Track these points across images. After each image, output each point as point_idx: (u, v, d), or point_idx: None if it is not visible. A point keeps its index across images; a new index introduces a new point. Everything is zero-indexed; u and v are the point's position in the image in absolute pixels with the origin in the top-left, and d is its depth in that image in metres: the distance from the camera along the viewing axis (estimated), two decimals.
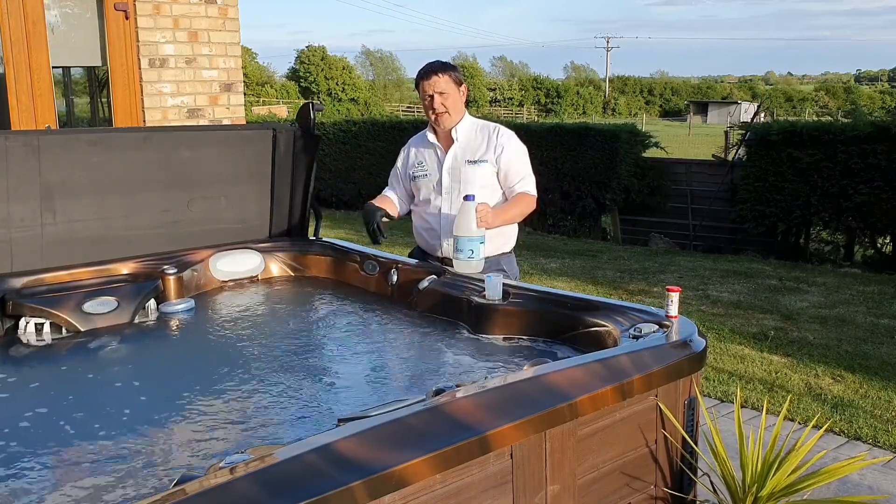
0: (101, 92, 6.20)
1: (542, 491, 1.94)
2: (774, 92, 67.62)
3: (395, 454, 1.62)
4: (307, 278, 3.80)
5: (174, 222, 3.63)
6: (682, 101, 66.05)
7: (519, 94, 62.89)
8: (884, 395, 4.23)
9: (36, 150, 3.18)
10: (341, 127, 13.52)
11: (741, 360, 4.83)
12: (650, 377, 2.17)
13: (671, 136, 28.26)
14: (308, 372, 2.65)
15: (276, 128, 3.82)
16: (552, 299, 2.86)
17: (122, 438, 2.13)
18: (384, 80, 63.73)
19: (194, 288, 3.49)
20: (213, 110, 6.23)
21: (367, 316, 3.24)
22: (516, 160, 3.33)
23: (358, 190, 13.26)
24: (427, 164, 3.41)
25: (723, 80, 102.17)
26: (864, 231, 8.80)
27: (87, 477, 1.92)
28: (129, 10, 5.70)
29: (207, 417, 2.27)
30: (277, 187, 3.89)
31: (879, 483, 3.24)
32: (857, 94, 64.28)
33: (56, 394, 2.46)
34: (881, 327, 5.59)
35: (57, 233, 3.28)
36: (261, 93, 48.54)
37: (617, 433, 2.13)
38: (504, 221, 3.28)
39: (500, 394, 1.93)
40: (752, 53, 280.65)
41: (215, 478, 1.51)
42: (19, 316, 3.01)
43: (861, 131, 8.38)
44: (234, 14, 6.22)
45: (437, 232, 3.38)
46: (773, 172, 9.07)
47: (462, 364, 2.64)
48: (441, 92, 3.26)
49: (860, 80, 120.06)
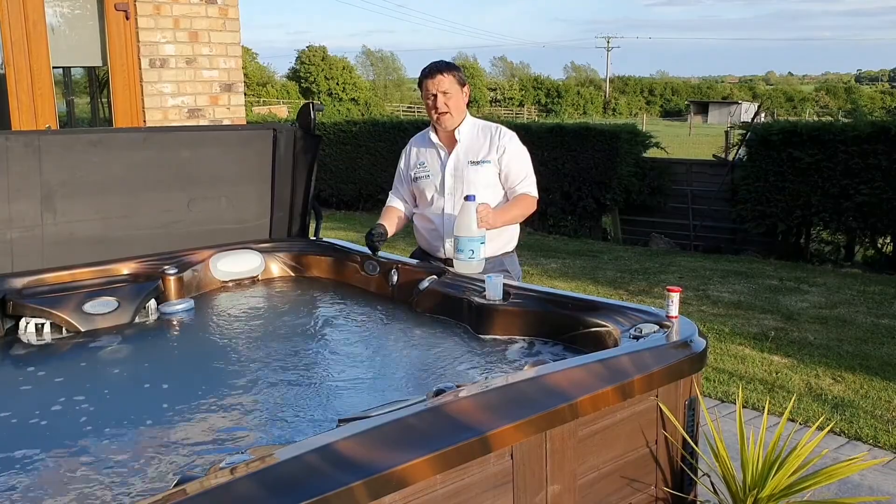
0: (102, 92, 6.20)
1: (543, 491, 1.94)
2: (775, 92, 67.71)
3: (395, 454, 1.62)
4: (307, 279, 3.80)
5: (174, 222, 3.63)
6: (683, 101, 66.08)
7: (519, 94, 62.95)
8: (884, 395, 4.23)
9: (36, 151, 3.17)
10: (341, 127, 13.52)
11: (742, 360, 4.83)
12: (651, 377, 2.17)
13: (671, 136, 28.28)
14: (308, 372, 2.65)
15: (276, 128, 3.82)
16: (553, 299, 2.86)
17: (122, 438, 2.13)
18: (384, 80, 63.74)
19: (194, 288, 3.49)
20: (214, 110, 6.23)
21: (367, 316, 3.24)
22: (518, 161, 3.33)
23: (358, 190, 13.26)
24: (429, 164, 3.41)
25: (723, 80, 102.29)
26: (865, 231, 8.79)
27: (87, 477, 1.92)
28: (129, 10, 5.70)
29: (207, 417, 2.27)
30: (278, 187, 3.89)
31: (880, 484, 3.24)
32: (857, 94, 64.34)
33: (55, 394, 2.46)
34: (882, 327, 5.59)
35: (57, 233, 3.28)
36: (261, 93, 48.58)
37: (617, 433, 2.13)
38: (505, 222, 3.28)
39: (500, 394, 1.92)
40: (752, 53, 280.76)
41: (215, 478, 1.51)
42: (20, 316, 3.01)
43: (861, 131, 8.37)
44: (234, 14, 6.23)
45: (439, 233, 3.38)
46: (774, 172, 9.07)
47: (462, 364, 2.64)
48: (444, 92, 3.26)
49: (861, 80, 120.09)
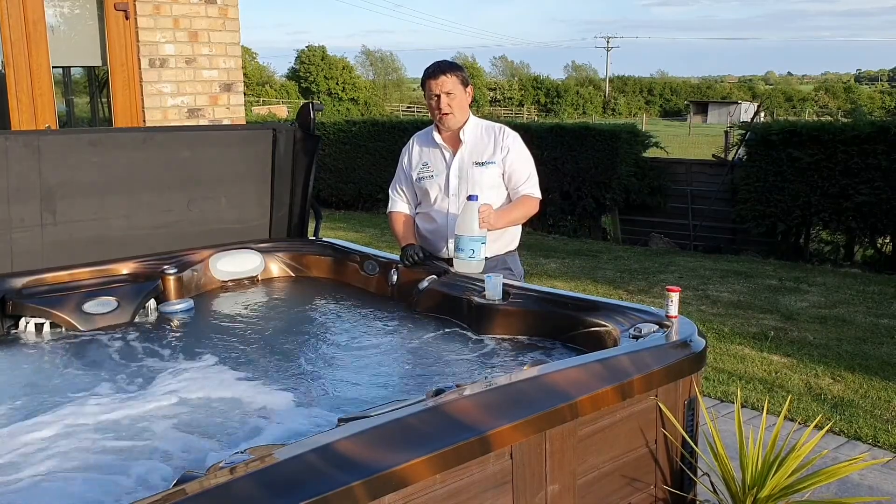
0: (101, 92, 6.20)
1: (542, 491, 1.94)
2: (774, 92, 67.66)
3: (395, 454, 1.62)
4: (307, 278, 3.80)
5: (174, 222, 3.63)
6: (682, 101, 66.04)
7: (519, 93, 62.92)
8: (884, 395, 4.23)
9: (36, 151, 3.18)
10: (341, 127, 13.51)
11: (741, 360, 4.83)
12: (650, 377, 2.17)
13: (671, 135, 28.29)
14: (308, 372, 2.66)
15: (276, 128, 3.82)
16: (552, 299, 2.86)
17: (122, 438, 2.13)
18: (384, 80, 63.70)
19: (194, 288, 3.49)
20: (213, 110, 6.23)
21: (367, 316, 3.24)
22: (521, 162, 3.32)
23: (358, 190, 13.25)
24: (433, 165, 3.38)
25: (723, 79, 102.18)
26: (865, 231, 8.78)
27: (86, 477, 1.92)
28: (129, 10, 5.70)
29: (207, 417, 2.27)
30: (277, 187, 3.89)
31: (879, 483, 3.24)
32: (857, 93, 64.35)
33: (54, 394, 2.46)
34: (881, 327, 5.59)
35: (57, 233, 3.29)
36: (261, 93, 48.58)
37: (617, 433, 2.13)
38: (507, 223, 3.27)
39: (500, 394, 1.93)
40: (751, 53, 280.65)
41: (215, 478, 1.51)
42: (19, 316, 3.02)
43: (861, 131, 8.36)
44: (234, 14, 6.22)
45: (443, 233, 3.36)
46: (774, 172, 9.06)
47: (462, 364, 2.64)
48: (448, 92, 3.24)
49: (860, 79, 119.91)
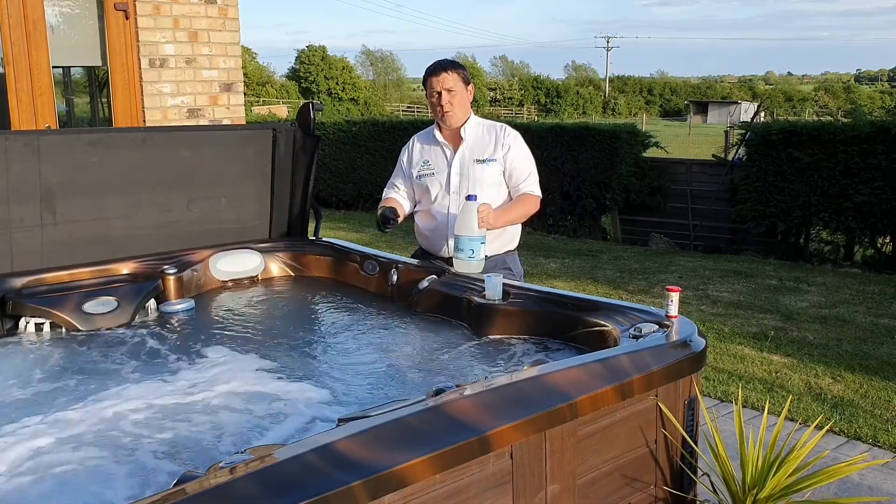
0: (101, 92, 6.20)
1: (542, 491, 1.94)
2: (774, 92, 67.62)
3: (395, 454, 1.62)
4: (307, 278, 3.80)
5: (174, 222, 3.63)
6: (682, 101, 66.02)
7: (519, 93, 62.90)
8: (883, 394, 4.23)
9: (36, 151, 3.18)
10: (341, 127, 13.51)
11: (741, 360, 4.83)
12: (650, 377, 2.17)
13: (671, 135, 28.29)
14: (308, 371, 2.66)
15: (276, 128, 3.82)
16: (552, 299, 2.86)
17: (121, 438, 2.13)
18: (384, 79, 63.67)
19: (194, 288, 3.49)
20: (213, 110, 6.23)
21: (367, 316, 3.24)
22: (521, 160, 3.33)
23: (358, 190, 13.25)
24: (434, 162, 3.39)
25: (723, 79, 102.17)
26: (864, 231, 8.78)
27: (87, 477, 1.92)
28: (129, 9, 5.70)
29: (207, 417, 2.27)
30: (277, 187, 3.89)
31: (879, 483, 3.24)
32: (857, 93, 64.29)
33: (54, 394, 2.46)
34: (881, 327, 5.59)
35: (57, 233, 3.28)
36: (261, 93, 48.58)
37: (617, 433, 2.13)
38: (507, 222, 3.27)
39: (500, 394, 1.92)
40: (751, 53, 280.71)
41: (215, 478, 1.51)
42: (19, 316, 3.02)
43: (861, 131, 8.37)
44: (234, 14, 6.22)
45: (443, 231, 3.36)
46: (773, 172, 9.07)
47: (462, 364, 2.64)
48: (449, 89, 3.25)
49: (860, 79, 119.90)
